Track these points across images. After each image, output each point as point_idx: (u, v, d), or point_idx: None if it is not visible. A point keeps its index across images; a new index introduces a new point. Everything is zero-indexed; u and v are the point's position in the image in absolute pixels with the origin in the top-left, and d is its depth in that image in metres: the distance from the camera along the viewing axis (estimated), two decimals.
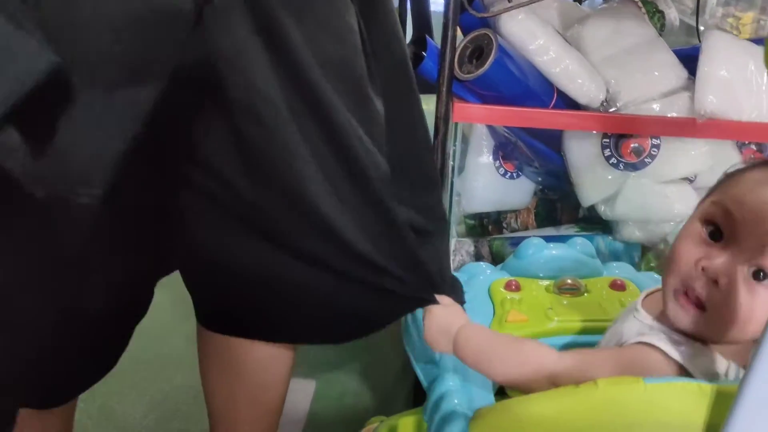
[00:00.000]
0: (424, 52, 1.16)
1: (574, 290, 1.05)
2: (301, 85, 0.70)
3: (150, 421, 1.35)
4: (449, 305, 0.83)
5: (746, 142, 1.25)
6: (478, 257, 1.40)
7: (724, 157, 1.22)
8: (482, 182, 1.34)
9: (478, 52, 1.14)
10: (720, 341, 0.71)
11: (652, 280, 1.08)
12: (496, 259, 1.38)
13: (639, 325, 0.77)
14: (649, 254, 1.32)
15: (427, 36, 1.17)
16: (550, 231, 1.39)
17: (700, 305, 0.69)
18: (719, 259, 0.68)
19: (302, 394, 1.46)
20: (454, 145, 1.21)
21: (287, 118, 0.70)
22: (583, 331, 0.98)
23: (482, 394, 0.86)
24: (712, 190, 0.75)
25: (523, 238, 1.34)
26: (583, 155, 1.23)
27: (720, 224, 0.69)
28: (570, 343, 0.97)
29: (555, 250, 1.10)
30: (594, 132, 1.20)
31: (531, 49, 1.15)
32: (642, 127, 1.16)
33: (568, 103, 1.19)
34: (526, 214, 1.43)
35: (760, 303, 0.66)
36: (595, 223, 1.35)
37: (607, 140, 1.20)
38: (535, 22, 1.14)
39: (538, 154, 1.28)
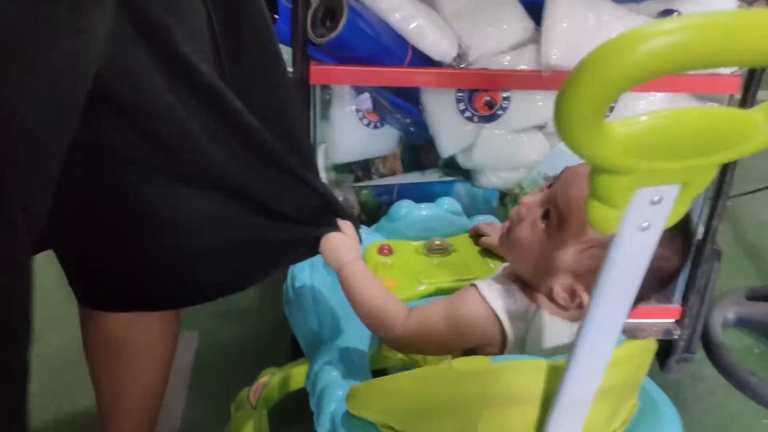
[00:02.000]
0: (276, 15, 1.16)
1: (443, 250, 1.14)
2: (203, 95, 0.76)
3: (34, 385, 1.35)
4: (348, 235, 0.93)
5: None
6: (345, 206, 1.45)
7: None
8: (347, 133, 1.39)
9: (330, 14, 1.15)
10: (513, 261, 0.87)
11: None
12: (363, 209, 1.44)
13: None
14: (507, 199, 1.43)
15: None
16: (416, 177, 1.46)
17: (507, 233, 0.86)
18: (531, 198, 0.84)
19: (184, 348, 1.50)
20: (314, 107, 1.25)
21: (185, 117, 0.76)
22: (450, 291, 1.06)
23: (359, 366, 0.94)
24: None
25: (390, 185, 1.41)
26: (440, 109, 1.30)
27: (551, 179, 0.85)
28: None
29: (425, 211, 1.18)
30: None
31: (382, 7, 1.18)
32: (492, 82, 1.23)
33: (423, 58, 1.24)
34: (392, 159, 1.49)
35: (533, 234, 0.82)
36: (456, 168, 1.43)
37: (462, 95, 1.26)
38: None
39: (397, 107, 1.34)
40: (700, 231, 1.43)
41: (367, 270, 0.92)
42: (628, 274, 0.59)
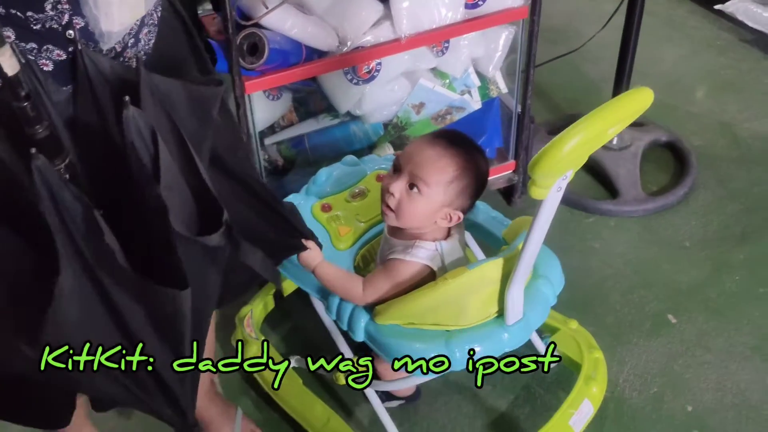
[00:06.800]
0: (215, 56, 1.54)
1: (362, 194, 1.62)
2: None
3: None
4: (312, 247, 1.36)
5: None
6: (272, 162, 1.90)
7: (420, 52, 1.82)
8: (257, 108, 1.78)
9: (253, 46, 1.55)
10: (406, 227, 1.36)
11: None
12: (286, 160, 1.91)
13: (389, 243, 1.40)
14: (389, 127, 1.96)
15: (210, 41, 1.55)
16: (312, 124, 1.92)
17: (392, 210, 1.33)
18: (393, 182, 1.31)
19: None
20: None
21: None
22: (379, 222, 1.55)
23: None
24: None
25: (301, 137, 1.87)
26: (333, 82, 1.78)
27: (397, 164, 1.33)
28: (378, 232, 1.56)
29: (336, 171, 1.67)
30: None
31: (285, 28, 1.60)
32: (368, 57, 1.71)
33: (312, 50, 1.69)
34: (289, 114, 1.92)
35: (415, 202, 1.30)
36: None
37: (347, 69, 1.73)
38: (283, 9, 1.58)
39: (298, 84, 1.79)
40: (518, 107, 2.06)
41: (332, 266, 1.38)
42: (550, 213, 1.17)
